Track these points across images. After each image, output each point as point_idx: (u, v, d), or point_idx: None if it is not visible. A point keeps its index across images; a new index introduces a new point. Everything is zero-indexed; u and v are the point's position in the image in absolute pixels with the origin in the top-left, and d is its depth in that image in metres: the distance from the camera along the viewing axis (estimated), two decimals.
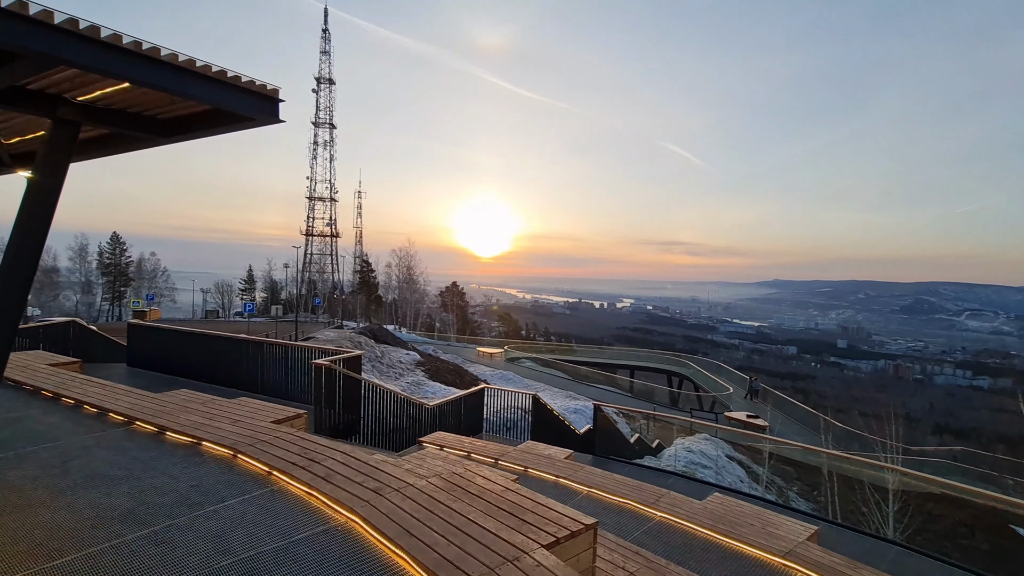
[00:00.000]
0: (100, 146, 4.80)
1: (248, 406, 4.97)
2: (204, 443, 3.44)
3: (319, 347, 9.05)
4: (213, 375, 10.36)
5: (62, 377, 5.20)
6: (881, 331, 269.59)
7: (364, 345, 24.03)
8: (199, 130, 3.99)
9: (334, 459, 3.19)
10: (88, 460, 3.30)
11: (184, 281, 70.50)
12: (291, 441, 3.52)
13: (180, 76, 3.12)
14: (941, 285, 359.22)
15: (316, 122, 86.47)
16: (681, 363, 38.73)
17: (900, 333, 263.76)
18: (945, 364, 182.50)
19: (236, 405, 4.85)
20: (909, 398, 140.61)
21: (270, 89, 3.57)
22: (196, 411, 4.28)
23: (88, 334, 12.52)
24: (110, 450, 3.44)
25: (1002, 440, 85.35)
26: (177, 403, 4.65)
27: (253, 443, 3.43)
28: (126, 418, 3.95)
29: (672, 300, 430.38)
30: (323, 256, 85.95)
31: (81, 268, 60.17)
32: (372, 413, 8.27)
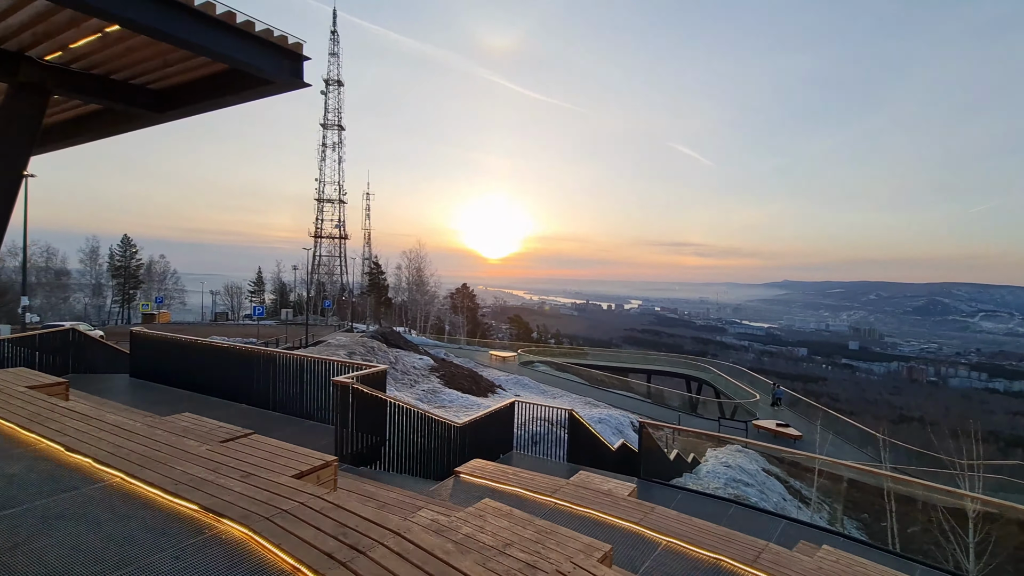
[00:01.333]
0: (79, 129, 3.93)
1: (262, 448, 4.06)
2: (206, 513, 2.59)
3: (338, 360, 8.17)
4: (222, 389, 9.53)
5: (39, 405, 4.35)
6: (894, 332, 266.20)
7: (378, 350, 23.22)
8: (201, 101, 3.12)
9: (385, 545, 2.31)
10: (46, 542, 2.40)
11: (194, 283, 70.26)
12: (321, 511, 2.64)
13: (185, 18, 2.23)
14: (954, 286, 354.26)
15: (325, 124, 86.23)
16: (700, 367, 37.58)
17: (913, 335, 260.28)
18: (960, 366, 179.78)
19: (248, 447, 3.97)
20: (923, 401, 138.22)
21: (292, 43, 2.67)
22: (197, 457, 3.41)
23: (89, 343, 11.74)
24: (79, 523, 2.57)
25: (1020, 444, 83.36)
26: (173, 440, 3.78)
27: (272, 515, 2.57)
28: (107, 468, 3.11)
29: (681, 301, 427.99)
30: (332, 258, 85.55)
31: (92, 270, 60.00)
32: (397, 434, 7.38)
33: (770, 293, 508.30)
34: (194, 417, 5.58)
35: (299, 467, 3.49)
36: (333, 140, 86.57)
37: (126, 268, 61.46)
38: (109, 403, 6.87)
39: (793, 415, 27.08)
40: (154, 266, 64.64)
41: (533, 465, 9.45)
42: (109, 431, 3.88)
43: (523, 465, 9.49)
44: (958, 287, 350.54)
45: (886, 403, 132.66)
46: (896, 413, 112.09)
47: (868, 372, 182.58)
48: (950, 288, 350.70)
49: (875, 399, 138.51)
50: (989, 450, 54.23)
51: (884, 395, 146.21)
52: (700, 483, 12.61)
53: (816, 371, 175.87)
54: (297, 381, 8.65)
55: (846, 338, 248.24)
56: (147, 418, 6.17)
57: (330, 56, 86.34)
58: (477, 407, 19.10)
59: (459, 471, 6.22)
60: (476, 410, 19.10)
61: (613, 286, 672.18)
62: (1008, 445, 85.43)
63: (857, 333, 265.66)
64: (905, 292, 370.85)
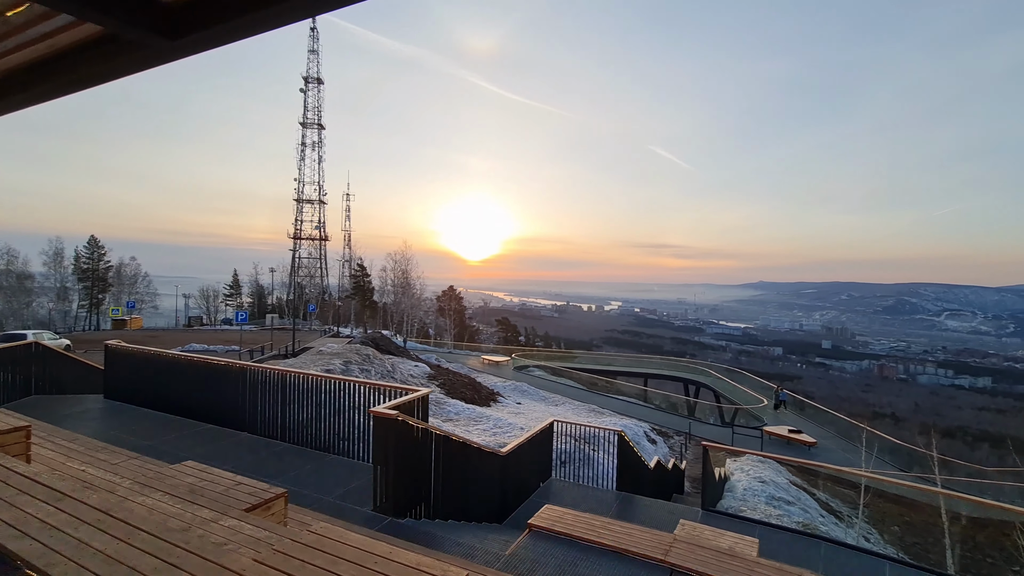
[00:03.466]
0: (56, 71, 2.66)
1: (331, 539, 2.74)
2: None
3: (365, 382, 6.88)
4: (217, 414, 8.14)
5: None
6: (865, 331, 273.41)
7: (373, 359, 21.78)
8: (233, 18, 1.95)
9: None
10: None
11: (166, 287, 67.01)
12: None
13: None
14: (921, 286, 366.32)
15: (304, 122, 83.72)
16: (699, 370, 36.95)
17: (883, 333, 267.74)
18: (927, 364, 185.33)
19: (301, 527, 2.59)
20: (895, 398, 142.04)
21: None
22: None
23: (54, 358, 10.17)
24: None
25: (985, 439, 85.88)
26: (192, 532, 2.47)
27: None
28: None
29: (660, 302, 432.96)
30: (312, 260, 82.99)
31: (56, 273, 56.57)
32: (441, 471, 6.17)
33: (746, 294, 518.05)
34: (199, 468, 4.29)
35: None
36: (313, 139, 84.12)
37: (94, 271, 58.19)
38: (83, 446, 5.49)
39: (799, 419, 26.54)
40: (124, 269, 61.37)
41: (581, 496, 8.33)
42: (93, 524, 2.51)
43: (569, 496, 8.36)
44: (925, 287, 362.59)
45: (859, 400, 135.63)
46: (869, 410, 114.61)
47: (841, 370, 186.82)
48: (917, 288, 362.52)
49: (848, 396, 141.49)
50: (956, 445, 54.80)
51: (857, 392, 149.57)
52: (742, 503, 11.69)
53: (791, 370, 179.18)
54: (312, 405, 7.35)
55: (819, 337, 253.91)
56: (139, 468, 4.84)
57: (309, 53, 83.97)
58: (486, 419, 17.88)
59: (534, 524, 5.05)
60: (484, 422, 17.89)
61: (593, 287, 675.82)
62: (975, 439, 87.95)
63: (830, 332, 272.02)
64: (875, 292, 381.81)
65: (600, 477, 11.07)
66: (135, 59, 2.60)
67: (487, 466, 7.10)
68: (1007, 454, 67.61)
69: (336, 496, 5.69)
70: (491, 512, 7.16)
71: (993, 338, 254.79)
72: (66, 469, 4.19)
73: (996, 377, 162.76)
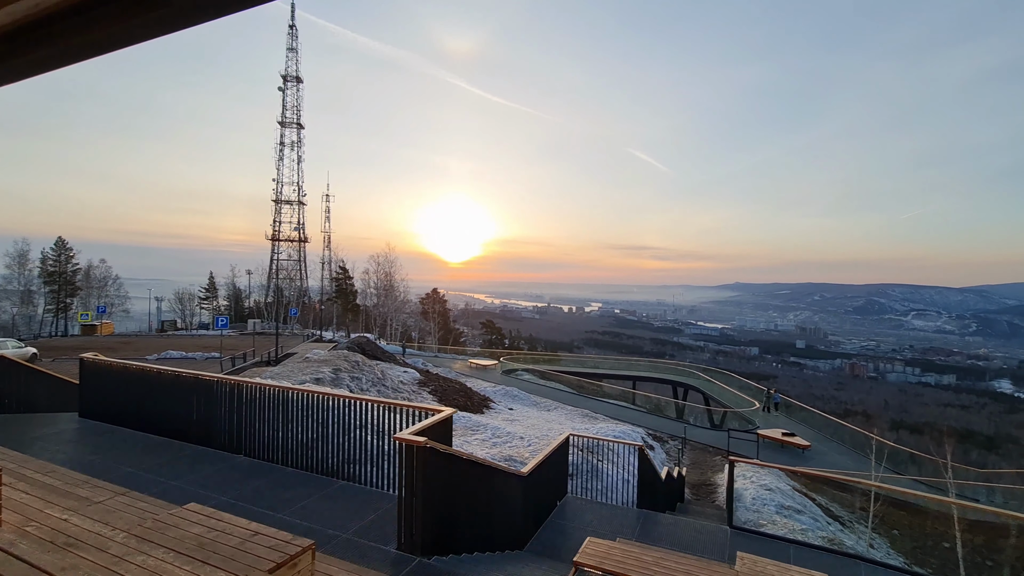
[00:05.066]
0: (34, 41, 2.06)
1: None
2: None
3: (380, 401, 6.29)
4: (209, 435, 7.44)
5: None
6: (836, 331, 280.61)
7: (363, 365, 20.99)
8: None
9: None
10: None
11: (138, 289, 64.52)
12: None
13: None
14: (889, 287, 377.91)
15: (283, 122, 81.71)
16: (687, 372, 36.97)
17: (854, 333, 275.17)
18: (896, 362, 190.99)
19: None
20: (865, 395, 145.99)
21: None
22: None
23: (22, 374, 9.29)
24: None
25: (951, 435, 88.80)
26: None
27: None
28: None
29: (639, 304, 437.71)
30: (291, 262, 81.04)
31: (20, 276, 53.81)
32: (468, 497, 5.63)
33: (723, 295, 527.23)
34: (206, 514, 3.67)
35: None
36: (292, 139, 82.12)
37: (61, 274, 55.57)
38: (61, 480, 4.81)
39: (789, 421, 26.65)
40: (93, 271, 58.74)
41: (603, 516, 7.87)
42: None
43: (590, 515, 7.90)
44: (892, 288, 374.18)
45: (832, 398, 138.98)
46: (841, 407, 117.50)
47: (815, 369, 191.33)
48: (885, 289, 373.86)
49: (822, 395, 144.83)
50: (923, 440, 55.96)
51: (830, 391, 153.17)
52: (756, 514, 11.41)
53: (767, 369, 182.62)
54: (316, 425, 6.73)
55: (794, 337, 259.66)
56: (131, 511, 4.20)
57: (288, 51, 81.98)
58: (483, 429, 17.32)
59: (582, 563, 4.56)
60: (481, 432, 17.33)
61: (573, 289, 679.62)
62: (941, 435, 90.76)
63: (803, 332, 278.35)
64: (846, 293, 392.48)
65: (610, 490, 10.64)
66: (139, 23, 1.99)
67: (508, 489, 6.60)
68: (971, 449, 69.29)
69: (353, 532, 5.11)
70: (513, 538, 6.65)
71: (957, 337, 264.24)
72: (45, 520, 3.53)
73: (960, 374, 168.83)
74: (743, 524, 9.37)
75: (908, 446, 23.35)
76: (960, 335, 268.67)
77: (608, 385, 34.87)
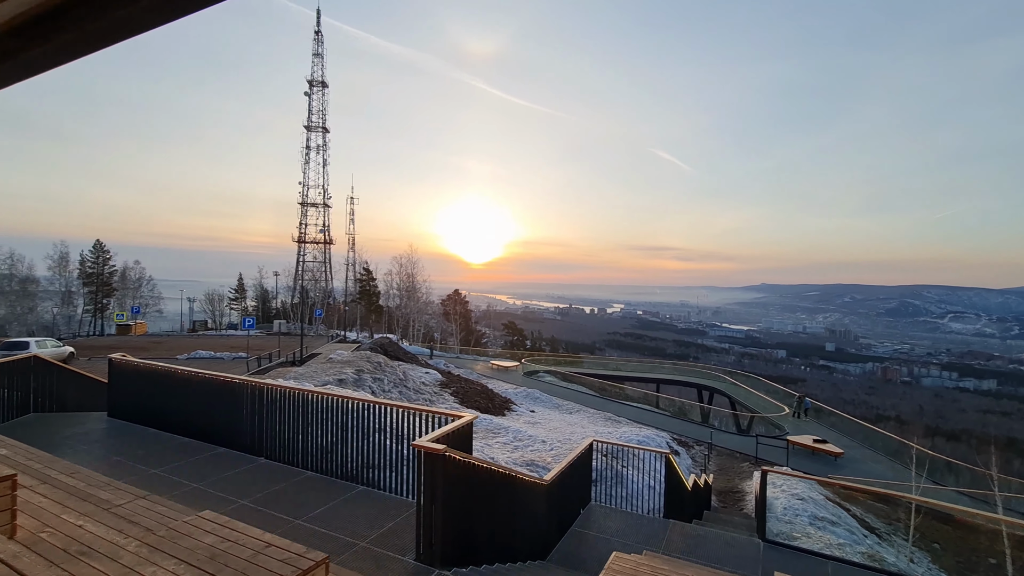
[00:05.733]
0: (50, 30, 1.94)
1: None
2: None
3: (400, 405, 6.18)
4: (230, 436, 7.45)
5: None
6: (868, 334, 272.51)
7: (385, 366, 21.07)
8: None
9: None
10: None
11: (171, 290, 66.44)
12: None
13: None
14: (924, 288, 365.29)
15: (309, 126, 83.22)
16: (713, 376, 36.15)
17: (886, 336, 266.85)
18: (931, 366, 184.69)
19: None
20: (898, 400, 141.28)
21: None
22: None
23: (55, 372, 9.49)
24: None
25: (991, 443, 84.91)
26: None
27: None
28: None
29: (662, 305, 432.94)
30: (316, 264, 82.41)
31: (61, 278, 56.04)
32: (488, 505, 5.46)
33: (748, 296, 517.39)
34: (219, 523, 3.57)
35: None
36: (317, 143, 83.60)
37: (98, 275, 57.65)
38: (84, 481, 4.81)
39: (820, 427, 25.74)
40: (128, 273, 60.81)
41: (629, 526, 7.60)
42: None
43: (616, 525, 7.64)
44: (928, 289, 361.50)
45: (863, 403, 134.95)
46: (873, 412, 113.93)
47: (845, 373, 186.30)
48: (920, 291, 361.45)
49: (852, 399, 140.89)
50: (960, 448, 53.84)
51: (861, 395, 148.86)
52: (788, 525, 10.95)
53: (795, 372, 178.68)
54: (336, 429, 6.65)
55: (823, 340, 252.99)
56: (148, 516, 4.14)
57: (314, 57, 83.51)
58: (504, 431, 17.15)
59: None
60: (502, 435, 17.16)
61: (595, 290, 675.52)
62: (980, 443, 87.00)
63: (833, 335, 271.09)
64: (878, 295, 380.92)
65: (634, 497, 10.35)
66: (146, 6, 1.84)
67: (531, 497, 6.40)
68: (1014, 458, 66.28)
69: (371, 540, 4.98)
70: (535, 548, 6.45)
71: (998, 340, 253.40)
72: (59, 526, 3.49)
73: (1001, 380, 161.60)
74: (775, 536, 8.97)
75: (944, 454, 22.34)
76: (1002, 338, 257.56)
77: (631, 388, 34.35)
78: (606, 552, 6.49)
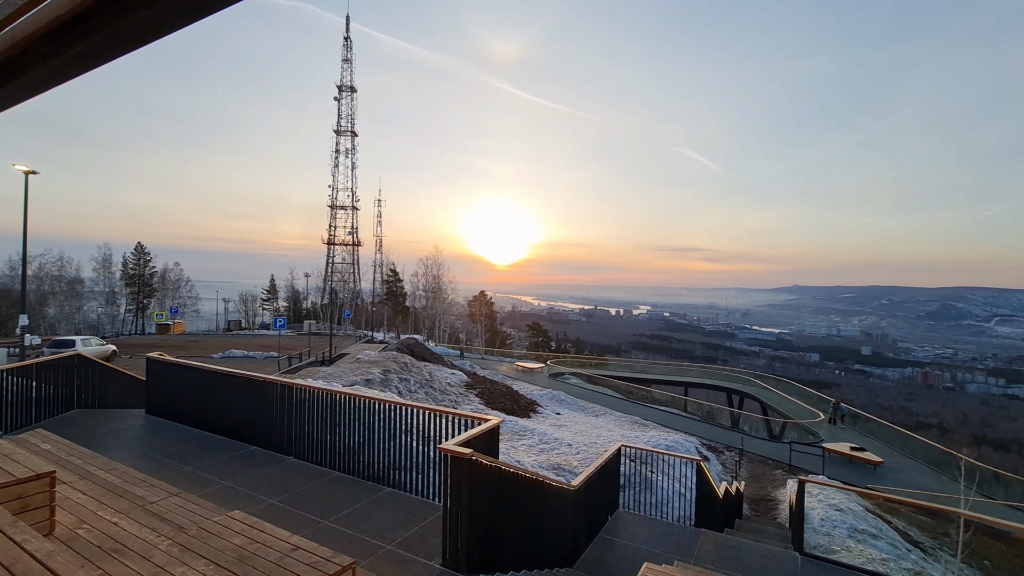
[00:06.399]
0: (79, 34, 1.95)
1: None
2: None
3: (427, 407, 6.16)
4: (261, 435, 7.56)
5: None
6: (907, 338, 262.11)
7: (411, 367, 21.24)
8: None
9: None
10: None
11: (207, 291, 68.72)
12: None
13: None
14: (968, 290, 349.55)
15: (338, 130, 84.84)
16: (743, 380, 35.24)
17: (927, 339, 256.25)
18: (976, 372, 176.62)
19: None
20: (940, 407, 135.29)
21: None
22: None
23: (97, 372, 9.84)
24: None
25: None
26: None
27: None
28: None
29: (689, 307, 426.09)
30: (345, 265, 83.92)
31: (105, 279, 58.66)
32: (514, 511, 5.38)
33: (779, 298, 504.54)
34: (248, 523, 3.58)
35: None
36: (346, 146, 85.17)
37: (140, 276, 60.04)
38: (120, 478, 4.92)
39: (858, 434, 24.79)
40: (168, 274, 63.19)
41: (658, 533, 7.41)
42: None
43: (645, 532, 7.45)
44: (972, 291, 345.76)
45: (902, 409, 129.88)
46: (913, 420, 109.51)
47: (882, 378, 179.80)
48: (964, 292, 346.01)
49: (890, 405, 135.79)
50: (1010, 458, 51.23)
51: (899, 401, 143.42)
52: (826, 537, 10.52)
53: (829, 376, 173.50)
54: (363, 429, 6.67)
55: (858, 343, 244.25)
56: (180, 515, 4.20)
57: (343, 63, 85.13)
58: (530, 433, 17.05)
59: None
60: (528, 437, 17.06)
61: (621, 291, 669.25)
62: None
63: (869, 338, 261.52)
64: (918, 297, 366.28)
65: (663, 504, 10.12)
66: (169, 5, 1.83)
67: (558, 502, 6.29)
68: None
69: (397, 543, 4.96)
70: (562, 555, 6.34)
71: None
72: (96, 523, 3.56)
73: None
74: (813, 549, 8.62)
75: (992, 464, 21.19)
76: None
77: (657, 391, 33.77)
78: (635, 561, 6.33)
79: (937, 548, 14.29)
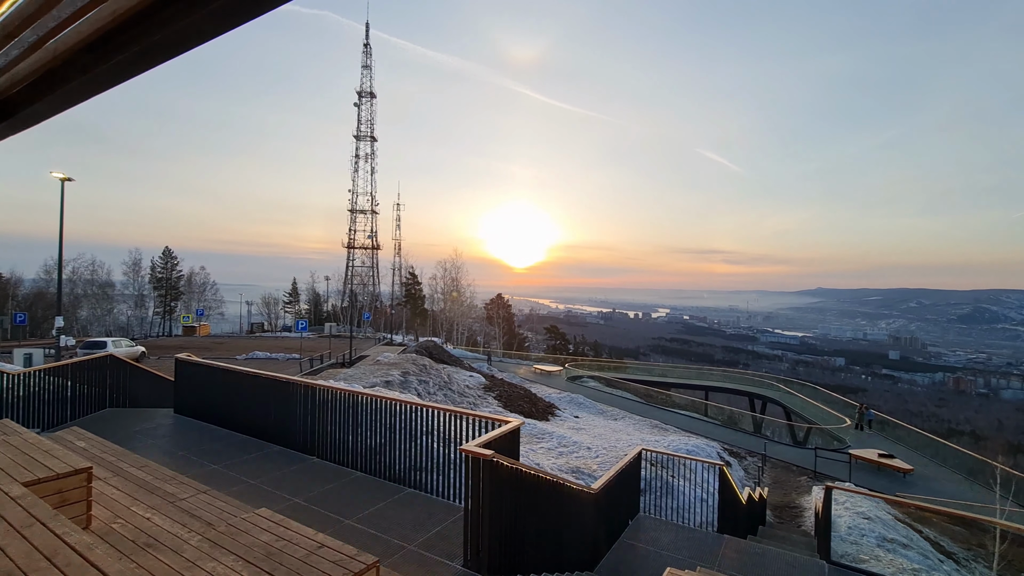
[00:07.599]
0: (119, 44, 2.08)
1: None
2: None
3: (448, 409, 6.21)
4: (286, 435, 7.70)
5: (36, 541, 2.47)
6: (937, 342, 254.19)
7: (430, 369, 21.40)
8: None
9: None
10: None
11: (231, 294, 70.27)
12: None
13: None
14: (1003, 293, 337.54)
15: (358, 135, 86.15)
16: (766, 384, 34.57)
17: (959, 344, 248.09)
18: (1012, 377, 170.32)
19: None
20: (973, 414, 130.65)
21: None
22: None
23: (128, 371, 10.16)
24: None
25: None
26: None
27: None
28: None
29: (709, 310, 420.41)
30: (365, 268, 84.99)
31: (134, 282, 60.54)
32: (535, 513, 5.38)
33: (802, 301, 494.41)
34: (275, 521, 3.65)
35: None
36: (366, 151, 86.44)
37: (167, 280, 61.75)
38: (152, 475, 5.07)
39: (886, 441, 24.09)
40: (194, 277, 64.88)
41: (680, 540, 7.32)
42: None
43: (666, 538, 7.37)
44: (1007, 294, 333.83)
45: (932, 415, 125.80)
46: (944, 426, 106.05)
47: (911, 383, 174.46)
48: (998, 295, 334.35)
49: (919, 411, 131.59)
50: None
51: (929, 407, 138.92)
52: (854, 546, 10.26)
53: (855, 381, 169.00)
54: (385, 430, 6.74)
55: (886, 347, 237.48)
56: (209, 511, 4.31)
57: (363, 69, 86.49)
58: (548, 437, 17.01)
59: None
60: (547, 440, 17.03)
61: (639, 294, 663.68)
62: None
63: (897, 342, 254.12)
64: (948, 300, 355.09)
65: (685, 509, 9.97)
66: (204, 15, 1.93)
67: (578, 506, 6.27)
68: None
69: (418, 544, 5.00)
70: (582, 558, 6.31)
71: None
72: (130, 518, 3.67)
73: None
74: (840, 558, 8.41)
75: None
76: None
77: (677, 395, 33.34)
78: (657, 566, 6.27)
79: (971, 559, 13.80)
